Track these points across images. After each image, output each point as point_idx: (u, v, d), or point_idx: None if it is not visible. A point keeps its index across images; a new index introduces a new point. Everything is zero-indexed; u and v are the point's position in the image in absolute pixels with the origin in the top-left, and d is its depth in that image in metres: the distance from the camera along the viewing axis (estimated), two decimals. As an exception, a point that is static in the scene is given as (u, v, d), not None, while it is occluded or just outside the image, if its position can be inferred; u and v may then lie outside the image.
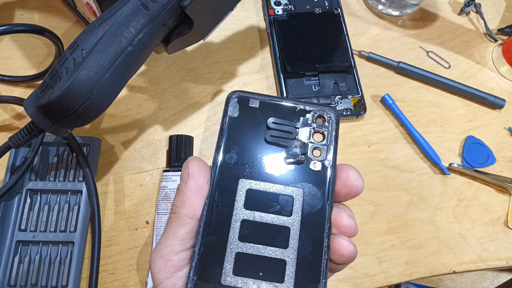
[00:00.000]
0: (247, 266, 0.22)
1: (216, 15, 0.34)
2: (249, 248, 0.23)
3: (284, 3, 0.49)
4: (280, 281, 0.22)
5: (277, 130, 0.25)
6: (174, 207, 0.23)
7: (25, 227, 0.35)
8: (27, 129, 0.31)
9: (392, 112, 0.46)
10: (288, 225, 0.24)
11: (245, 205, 0.24)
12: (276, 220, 0.24)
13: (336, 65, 0.45)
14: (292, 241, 0.23)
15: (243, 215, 0.23)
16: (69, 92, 0.27)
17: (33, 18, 0.44)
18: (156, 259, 0.22)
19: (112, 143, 0.40)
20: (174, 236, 0.23)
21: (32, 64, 0.42)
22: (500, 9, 0.56)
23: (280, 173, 0.25)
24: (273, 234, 0.23)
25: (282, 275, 0.22)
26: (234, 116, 0.26)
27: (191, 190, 0.23)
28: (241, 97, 0.26)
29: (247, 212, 0.24)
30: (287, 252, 0.23)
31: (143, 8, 0.28)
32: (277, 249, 0.23)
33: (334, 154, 0.26)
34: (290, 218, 0.24)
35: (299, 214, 0.24)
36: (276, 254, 0.23)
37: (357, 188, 0.24)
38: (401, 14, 0.52)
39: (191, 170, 0.23)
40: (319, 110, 0.26)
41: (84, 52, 0.27)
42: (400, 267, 0.39)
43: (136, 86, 0.43)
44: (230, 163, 0.24)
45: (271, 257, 0.23)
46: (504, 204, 0.44)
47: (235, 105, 0.26)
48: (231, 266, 0.22)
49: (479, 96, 0.48)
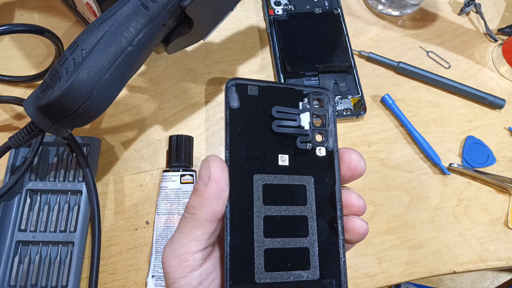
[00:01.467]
0: (276, 261, 0.23)
1: (216, 15, 0.34)
2: (275, 242, 0.24)
3: (284, 3, 0.48)
4: (307, 268, 0.24)
5: (283, 119, 0.26)
6: (191, 208, 0.23)
7: (25, 227, 0.35)
8: (27, 129, 0.31)
9: (392, 112, 0.46)
10: (305, 213, 0.25)
11: (264, 201, 0.24)
12: (294, 211, 0.25)
13: (336, 65, 0.45)
14: (311, 228, 0.24)
15: (264, 211, 0.24)
16: (69, 92, 0.27)
17: (33, 18, 0.44)
18: (171, 258, 0.22)
19: (112, 143, 0.40)
20: (190, 237, 0.23)
21: (32, 64, 0.42)
22: (500, 9, 0.56)
23: (290, 162, 0.25)
24: (293, 225, 0.24)
25: (308, 262, 0.24)
26: (236, 107, 0.25)
27: (211, 193, 0.22)
28: (238, 84, 0.25)
29: (267, 207, 0.24)
30: (309, 240, 0.24)
31: (143, 8, 0.28)
32: (299, 239, 0.24)
33: (335, 137, 0.26)
34: (306, 207, 0.25)
35: (313, 201, 0.25)
36: (299, 243, 0.24)
37: (360, 169, 0.25)
38: (401, 14, 0.52)
39: (213, 173, 0.22)
40: (316, 92, 0.27)
41: (84, 52, 0.27)
42: (400, 267, 0.39)
43: (136, 86, 0.43)
44: (242, 160, 0.24)
45: (295, 247, 0.24)
46: (504, 204, 0.44)
47: (234, 95, 0.25)
48: (262, 264, 0.23)
49: (479, 96, 0.48)
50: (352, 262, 0.39)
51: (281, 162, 0.26)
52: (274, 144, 0.26)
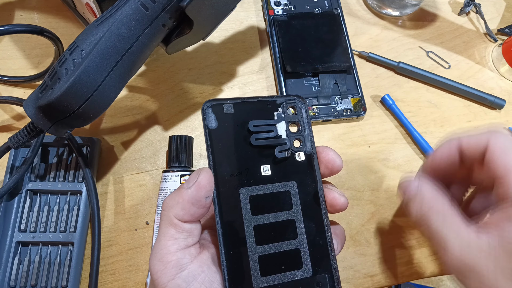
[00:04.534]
0: (270, 265, 0.25)
1: (216, 15, 0.34)
2: (267, 248, 0.25)
3: (284, 3, 0.48)
4: (299, 267, 0.25)
5: (260, 132, 0.27)
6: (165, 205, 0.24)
7: (25, 228, 0.35)
8: (26, 129, 0.31)
9: (392, 113, 0.46)
10: (293, 217, 0.26)
11: (252, 212, 0.26)
12: (281, 217, 0.26)
13: (336, 65, 0.45)
14: (299, 230, 0.26)
15: (253, 221, 0.25)
16: (68, 92, 0.27)
17: (33, 19, 0.44)
18: (155, 263, 0.22)
19: (112, 143, 0.40)
20: (166, 236, 0.23)
21: (32, 64, 0.42)
22: (500, 9, 0.56)
23: (272, 172, 0.27)
24: (282, 230, 0.26)
25: (300, 261, 0.26)
26: (214, 128, 0.27)
27: (189, 196, 0.23)
28: (214, 105, 0.27)
29: (256, 217, 0.26)
30: (298, 241, 0.26)
31: (143, 8, 0.28)
32: (290, 241, 0.26)
33: (312, 140, 0.28)
34: (292, 211, 0.26)
35: (299, 204, 0.27)
36: (289, 246, 0.26)
37: (338, 167, 0.27)
38: (401, 14, 0.52)
39: (200, 180, 0.23)
40: (288, 101, 0.28)
41: (83, 53, 0.27)
42: (400, 267, 0.39)
43: (136, 87, 0.43)
44: (227, 176, 0.26)
45: (286, 250, 0.26)
46: (504, 204, 0.44)
47: (211, 116, 0.27)
48: (257, 270, 0.25)
49: (479, 96, 0.48)
50: (352, 262, 0.39)
51: (264, 173, 0.27)
52: (255, 157, 0.27)
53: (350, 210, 0.40)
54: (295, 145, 0.28)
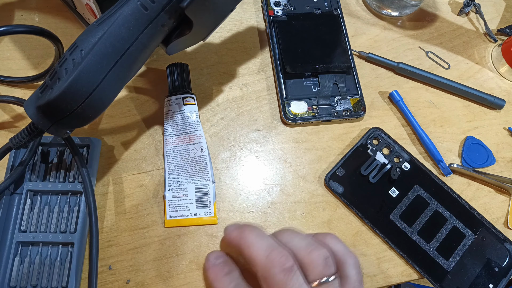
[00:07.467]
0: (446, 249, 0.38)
1: (216, 16, 0.34)
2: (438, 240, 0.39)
3: (283, 4, 0.49)
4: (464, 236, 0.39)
5: (370, 171, 0.40)
6: None
7: (25, 228, 0.35)
8: (27, 130, 0.31)
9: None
10: (435, 208, 0.40)
11: (408, 225, 0.40)
12: (427, 214, 0.40)
13: (335, 65, 0.45)
14: (445, 213, 0.40)
15: (415, 230, 0.39)
16: (67, 91, 0.27)
17: (33, 19, 0.44)
18: None
19: (112, 143, 0.40)
20: None
21: (32, 65, 0.42)
22: (499, 9, 0.56)
23: (398, 190, 0.40)
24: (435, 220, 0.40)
25: (461, 233, 0.39)
26: (342, 192, 0.39)
27: None
28: (331, 175, 0.40)
29: (415, 227, 0.39)
30: (450, 221, 0.40)
31: (143, 8, 0.28)
32: (445, 225, 0.40)
33: (404, 150, 0.42)
34: (431, 205, 0.40)
35: (430, 197, 0.40)
36: (448, 228, 0.40)
37: None
38: (401, 15, 0.52)
39: None
40: (369, 137, 0.43)
41: (83, 53, 0.27)
42: (400, 268, 0.39)
43: (136, 87, 0.43)
44: (374, 214, 0.40)
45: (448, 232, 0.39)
46: (503, 204, 0.44)
47: (334, 184, 0.39)
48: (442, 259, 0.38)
49: (478, 97, 0.48)
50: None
51: (394, 195, 0.39)
52: (380, 189, 0.39)
53: (350, 210, 0.40)
54: (396, 162, 0.38)
